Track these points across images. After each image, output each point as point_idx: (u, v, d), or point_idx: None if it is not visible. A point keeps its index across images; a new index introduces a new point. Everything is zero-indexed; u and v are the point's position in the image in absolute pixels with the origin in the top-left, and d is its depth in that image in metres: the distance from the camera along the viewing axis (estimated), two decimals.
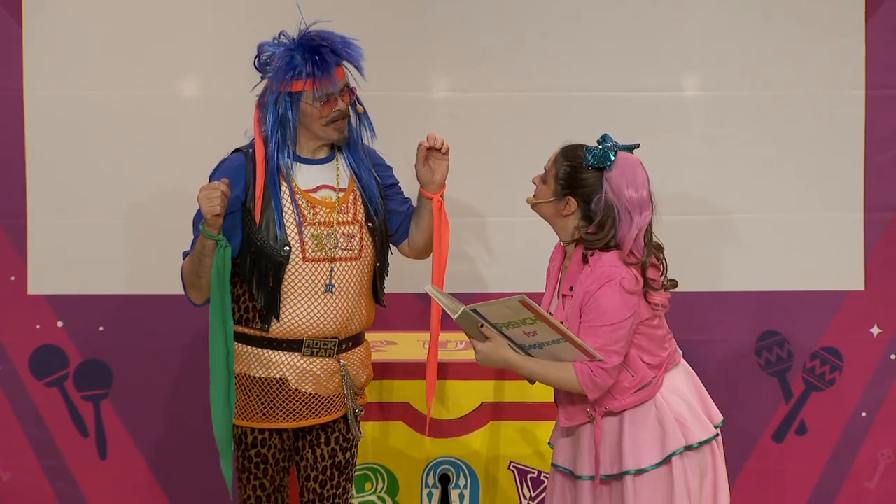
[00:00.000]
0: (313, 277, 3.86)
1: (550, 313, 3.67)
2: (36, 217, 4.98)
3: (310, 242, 3.86)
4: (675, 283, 3.76)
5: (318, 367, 3.91)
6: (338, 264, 3.88)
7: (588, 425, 3.72)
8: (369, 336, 4.13)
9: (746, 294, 5.10)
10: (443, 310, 3.80)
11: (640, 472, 3.66)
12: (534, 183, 3.81)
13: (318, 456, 4.01)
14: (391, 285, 4.11)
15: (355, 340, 3.99)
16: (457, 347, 4.72)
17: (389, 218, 4.04)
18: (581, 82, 5.00)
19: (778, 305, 5.10)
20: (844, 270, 5.09)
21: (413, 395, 4.51)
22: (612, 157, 3.66)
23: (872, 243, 5.07)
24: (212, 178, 3.90)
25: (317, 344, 3.89)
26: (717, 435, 3.76)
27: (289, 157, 3.88)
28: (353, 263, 3.91)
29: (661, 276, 3.74)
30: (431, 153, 3.95)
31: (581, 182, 3.69)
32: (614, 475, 3.69)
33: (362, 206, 3.94)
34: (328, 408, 3.95)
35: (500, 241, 5.05)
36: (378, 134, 4.07)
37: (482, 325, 3.64)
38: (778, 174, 5.07)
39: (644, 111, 5.01)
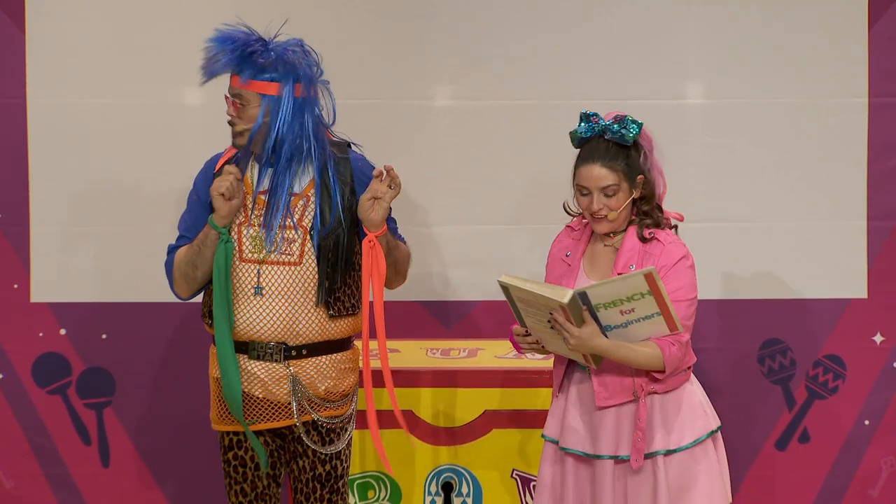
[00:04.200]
0: (245, 278, 3.83)
1: None
2: (38, 225, 4.98)
3: (247, 243, 3.84)
4: None
5: (264, 371, 3.86)
6: (266, 267, 3.82)
7: (628, 405, 3.70)
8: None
9: (749, 302, 5.10)
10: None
11: (669, 452, 3.68)
12: (598, 213, 3.69)
13: (301, 468, 3.96)
14: (395, 293, 4.09)
15: (313, 349, 3.89)
16: (460, 355, 4.72)
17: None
18: (583, 90, 4.99)
19: (781, 313, 5.10)
20: (847, 278, 5.08)
21: (416, 402, 4.51)
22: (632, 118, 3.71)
23: (875, 251, 5.07)
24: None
25: (262, 347, 3.85)
26: (721, 426, 3.82)
27: (245, 153, 3.85)
28: (291, 268, 3.83)
29: None
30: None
31: (636, 159, 3.74)
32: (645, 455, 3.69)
33: (313, 213, 3.84)
34: (284, 413, 3.89)
35: (502, 248, 5.04)
36: (379, 142, 4.05)
37: (585, 309, 3.58)
38: (780, 182, 5.06)
39: (646, 119, 4.94)
